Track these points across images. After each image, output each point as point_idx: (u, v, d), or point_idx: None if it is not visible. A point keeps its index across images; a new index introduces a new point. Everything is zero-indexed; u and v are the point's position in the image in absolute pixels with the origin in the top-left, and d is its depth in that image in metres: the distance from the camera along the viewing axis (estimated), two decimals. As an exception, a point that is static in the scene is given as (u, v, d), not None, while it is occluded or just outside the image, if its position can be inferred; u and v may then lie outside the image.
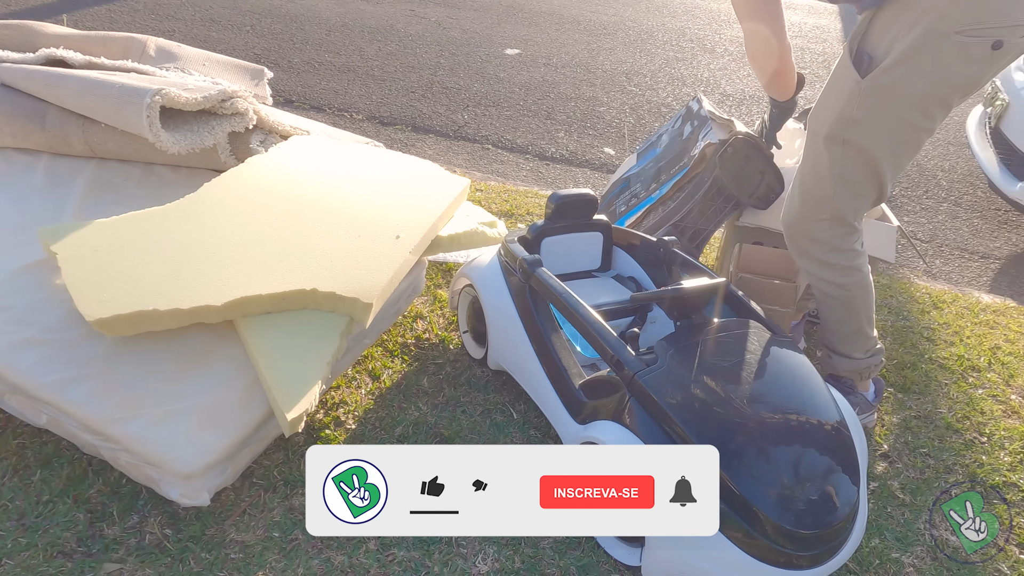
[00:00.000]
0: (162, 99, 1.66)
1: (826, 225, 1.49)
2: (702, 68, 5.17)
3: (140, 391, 1.26)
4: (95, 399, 1.24)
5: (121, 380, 1.27)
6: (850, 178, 1.44)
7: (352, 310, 1.42)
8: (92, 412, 1.22)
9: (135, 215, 1.53)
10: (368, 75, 4.44)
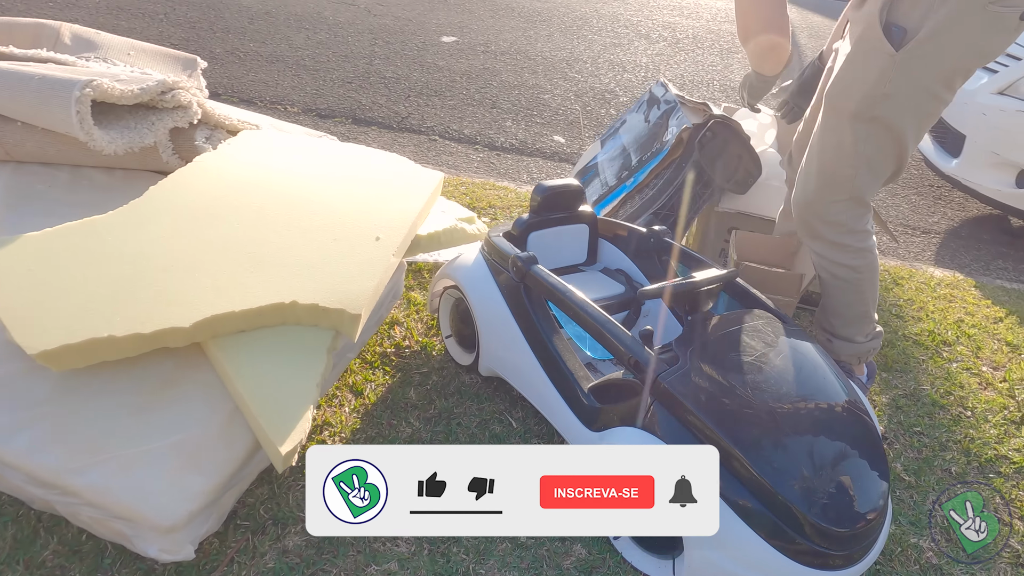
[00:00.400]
0: (93, 92, 1.45)
1: (843, 206, 1.46)
2: (640, 54, 5.16)
3: (99, 432, 1.08)
4: (44, 446, 1.05)
5: (74, 421, 1.09)
6: (874, 156, 1.40)
7: (338, 323, 1.28)
8: (42, 462, 1.04)
9: (72, 226, 1.33)
10: (299, 65, 4.19)
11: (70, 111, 1.43)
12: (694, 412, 1.13)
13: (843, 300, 1.53)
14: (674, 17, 6.32)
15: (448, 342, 1.71)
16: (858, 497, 1.12)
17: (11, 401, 1.10)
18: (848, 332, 1.56)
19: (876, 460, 1.17)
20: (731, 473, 1.10)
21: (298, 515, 1.23)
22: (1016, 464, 1.60)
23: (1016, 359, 2.04)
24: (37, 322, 1.11)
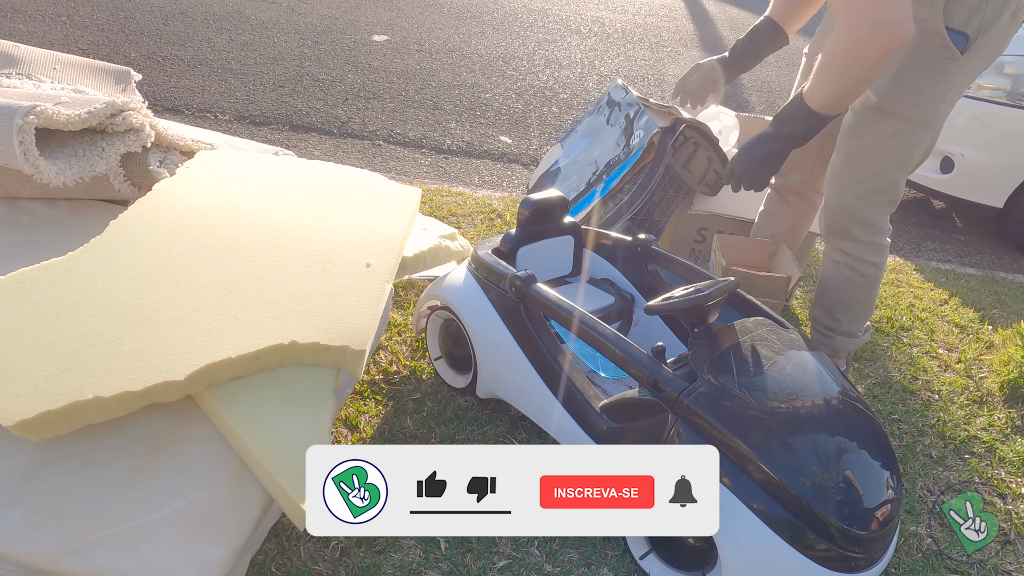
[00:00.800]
0: (37, 119, 1.31)
1: (882, 208, 1.49)
2: (573, 49, 5.18)
3: (93, 506, 0.97)
4: (33, 528, 0.94)
5: (63, 497, 0.97)
6: (919, 158, 1.44)
7: (340, 360, 1.20)
8: (34, 547, 0.92)
9: (27, 273, 1.19)
10: (225, 69, 3.97)
11: (11, 141, 1.28)
12: (719, 428, 1.13)
13: (859, 297, 1.58)
14: (601, 12, 6.38)
15: (438, 364, 1.65)
16: (878, 499, 1.15)
17: (-18, 481, 0.97)
18: (852, 327, 1.61)
19: (889, 461, 1.21)
20: (759, 485, 1.11)
21: (313, 569, 1.15)
22: (986, 443, 1.70)
23: (966, 339, 2.17)
24: (7, 388, 0.99)
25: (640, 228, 2.01)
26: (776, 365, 1.23)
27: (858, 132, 1.47)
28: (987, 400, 1.87)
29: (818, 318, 1.67)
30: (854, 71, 1.24)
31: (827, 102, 1.30)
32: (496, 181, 3.25)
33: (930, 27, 1.34)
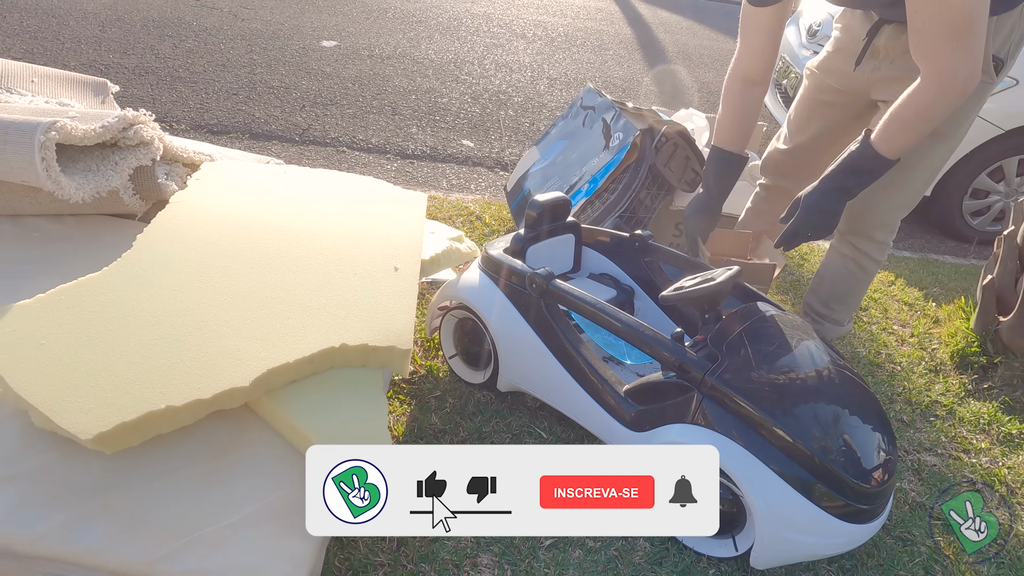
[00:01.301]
0: (58, 134, 1.30)
1: (904, 212, 1.62)
2: (521, 53, 5.29)
3: (174, 513, 0.99)
4: (121, 538, 0.95)
5: (143, 506, 0.99)
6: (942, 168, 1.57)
7: (387, 360, 1.25)
8: (125, 555, 0.94)
9: (66, 289, 1.19)
10: (173, 77, 3.87)
11: (33, 158, 1.27)
12: (742, 402, 1.25)
13: (855, 289, 1.72)
14: (542, 16, 6.52)
15: (453, 362, 1.71)
16: (880, 458, 1.30)
17: (65, 493, 0.98)
18: (842, 316, 1.76)
19: (885, 425, 1.36)
20: (780, 450, 1.23)
21: (375, 561, 1.20)
22: (946, 407, 1.90)
23: (915, 316, 2.39)
24: (77, 404, 1.00)
25: (627, 224, 2.13)
26: (783, 344, 1.36)
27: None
28: (941, 369, 2.08)
29: (811, 305, 1.81)
30: (937, 118, 1.32)
31: (905, 149, 1.38)
32: (464, 184, 3.31)
33: None
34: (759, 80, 1.64)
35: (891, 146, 1.38)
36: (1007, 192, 3.28)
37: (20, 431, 1.03)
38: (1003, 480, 1.65)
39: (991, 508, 1.50)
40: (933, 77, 1.30)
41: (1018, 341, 1.98)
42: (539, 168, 2.49)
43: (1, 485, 0.97)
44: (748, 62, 1.61)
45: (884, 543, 1.42)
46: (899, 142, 1.37)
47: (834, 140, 1.78)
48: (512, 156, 3.63)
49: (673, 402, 1.33)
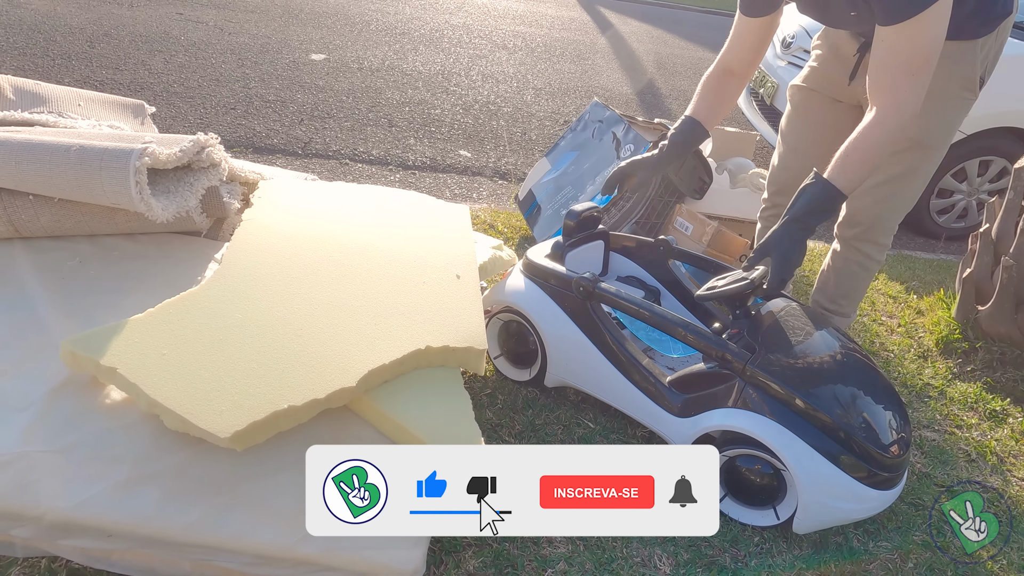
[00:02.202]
0: (150, 160, 1.39)
1: (902, 216, 1.79)
2: (505, 64, 5.44)
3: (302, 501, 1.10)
4: (261, 523, 1.06)
5: (275, 495, 1.10)
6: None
7: (464, 360, 1.38)
8: (267, 539, 1.05)
9: (173, 303, 1.28)
10: (169, 92, 3.91)
11: (128, 183, 1.36)
12: (780, 386, 1.41)
13: (860, 285, 1.89)
14: (520, 27, 6.69)
15: (498, 362, 1.84)
16: (899, 433, 1.48)
17: (205, 486, 1.08)
18: (849, 309, 1.94)
19: (899, 404, 1.54)
20: (816, 427, 1.40)
21: (463, 541, 1.33)
22: (937, 388, 2.10)
23: (899, 307, 2.61)
24: (212, 407, 1.10)
25: (641, 230, 2.29)
26: (808, 333, 1.54)
27: (897, 160, 1.69)
28: (928, 355, 2.29)
29: (819, 302, 1.97)
30: (888, 152, 1.44)
31: (860, 183, 1.47)
32: (466, 194, 3.44)
33: (966, 72, 1.58)
34: (740, 73, 1.75)
35: (849, 181, 1.44)
36: (969, 191, 3.56)
37: (152, 434, 1.13)
38: (993, 451, 1.85)
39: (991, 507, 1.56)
40: (890, 110, 1.39)
41: (996, 327, 2.20)
42: (551, 178, 2.64)
43: (146, 482, 1.07)
44: (733, 57, 1.72)
45: (900, 508, 1.60)
46: (857, 177, 1.44)
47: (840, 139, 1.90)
48: (509, 165, 3.77)
49: (716, 389, 1.49)
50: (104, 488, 1.04)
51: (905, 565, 1.46)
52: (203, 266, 1.56)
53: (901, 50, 1.39)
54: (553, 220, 2.47)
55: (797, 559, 1.42)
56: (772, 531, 1.47)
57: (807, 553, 1.44)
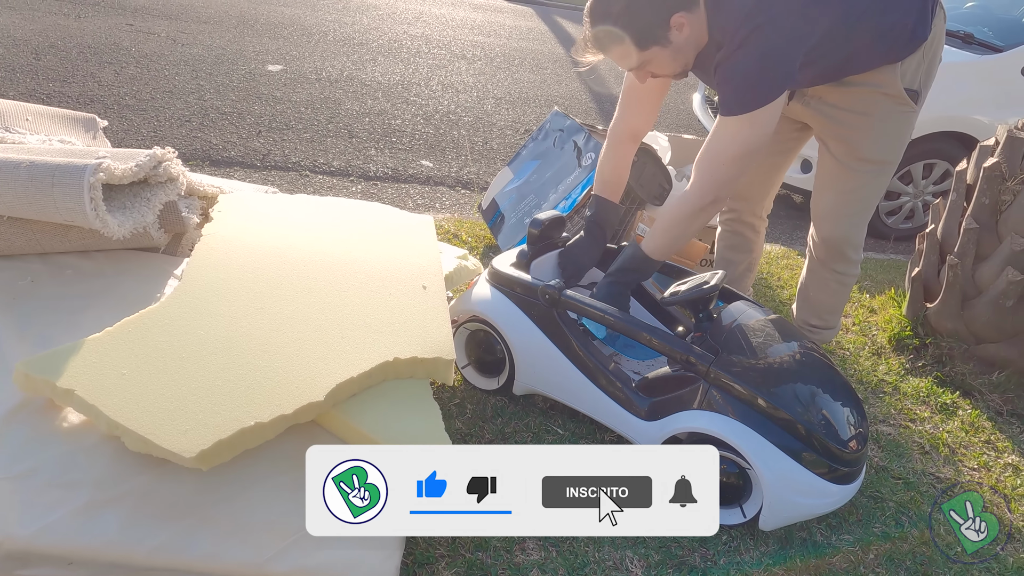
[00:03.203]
0: (105, 175, 1.36)
1: (864, 230, 1.84)
2: (464, 74, 5.46)
3: (273, 517, 1.09)
4: (230, 542, 1.04)
5: (243, 513, 1.08)
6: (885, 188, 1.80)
7: (433, 371, 1.38)
8: (239, 558, 1.03)
9: (132, 322, 1.25)
10: (121, 105, 3.82)
11: (82, 199, 1.33)
12: (743, 387, 1.45)
13: (840, 300, 1.94)
14: (478, 36, 6.72)
15: (466, 371, 1.84)
16: (858, 429, 1.52)
17: (170, 507, 1.06)
18: (832, 321, 1.99)
19: (857, 401, 1.59)
20: (777, 426, 1.43)
21: (435, 553, 1.32)
22: (891, 384, 2.18)
23: (853, 306, 2.69)
24: (176, 426, 1.08)
25: (605, 237, 2.32)
26: (768, 334, 1.58)
27: (846, 178, 1.77)
28: (882, 351, 2.37)
29: (806, 319, 2.02)
30: (691, 227, 1.61)
31: (667, 252, 1.66)
32: (429, 204, 3.44)
33: (891, 91, 1.63)
34: (644, 132, 1.88)
35: (656, 247, 1.64)
36: (915, 193, 3.70)
37: (113, 456, 1.10)
38: (945, 443, 1.93)
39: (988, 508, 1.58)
40: (694, 189, 1.56)
41: (944, 324, 2.29)
42: (514, 187, 2.66)
43: (108, 506, 1.04)
44: (639, 120, 1.82)
45: (860, 502, 1.65)
46: (662, 242, 1.63)
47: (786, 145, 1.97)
48: (471, 175, 3.78)
49: (682, 392, 1.52)
50: (64, 514, 1.01)
51: (866, 557, 1.51)
52: (162, 283, 1.53)
53: (719, 139, 1.54)
54: (517, 229, 2.49)
55: (764, 556, 1.46)
56: (739, 529, 1.50)
57: (773, 549, 1.48)
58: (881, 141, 1.72)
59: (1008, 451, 1.94)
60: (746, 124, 1.50)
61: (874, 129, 1.70)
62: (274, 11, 6.25)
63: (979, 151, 2.27)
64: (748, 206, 2.10)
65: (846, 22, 1.53)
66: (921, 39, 1.61)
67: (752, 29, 1.44)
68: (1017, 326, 2.12)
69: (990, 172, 2.14)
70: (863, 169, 1.76)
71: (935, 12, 1.62)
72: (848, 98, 1.70)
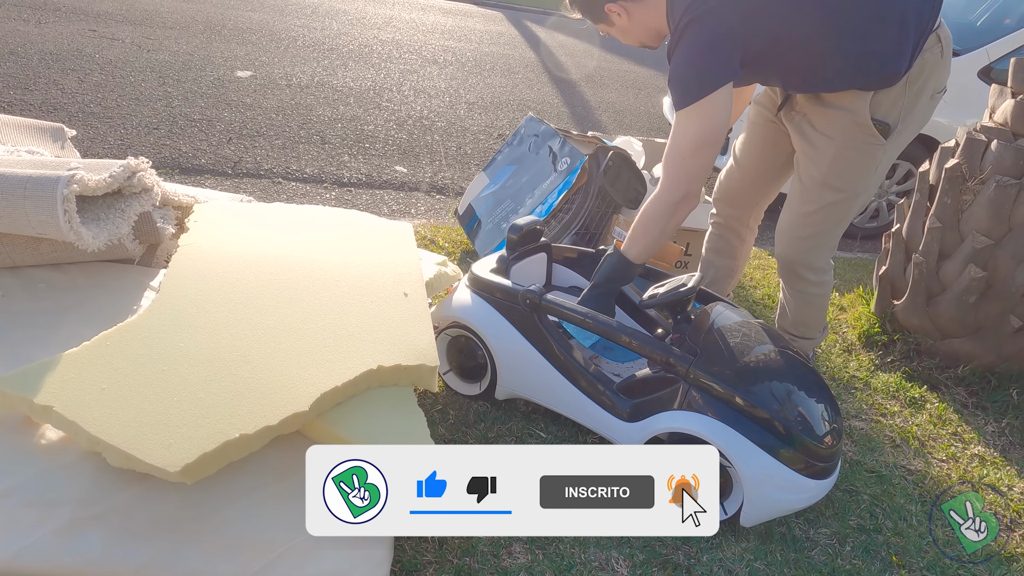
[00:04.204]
0: (78, 187, 1.34)
1: (824, 255, 1.85)
2: (436, 79, 5.46)
3: (259, 531, 1.08)
4: (218, 557, 1.03)
5: (231, 527, 1.07)
6: (852, 217, 1.80)
7: (417, 378, 1.38)
8: (226, 573, 1.02)
9: (110, 335, 1.23)
10: (86, 113, 3.74)
11: (56, 211, 1.31)
12: (722, 386, 1.48)
13: (815, 312, 1.96)
14: (449, 41, 6.73)
15: (447, 377, 1.85)
16: (833, 425, 1.56)
17: (154, 524, 1.04)
18: (812, 332, 2.01)
19: (831, 398, 1.63)
20: (756, 424, 1.47)
21: (423, 559, 1.32)
22: (862, 380, 2.24)
23: (823, 305, 2.76)
24: (158, 439, 1.07)
25: (581, 240, 2.35)
26: (744, 335, 1.61)
27: (805, 200, 1.77)
28: (852, 348, 2.43)
29: (784, 328, 2.06)
30: (666, 227, 1.61)
31: (645, 253, 1.66)
32: (404, 210, 3.43)
33: (859, 119, 1.61)
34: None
35: (637, 250, 1.65)
36: (880, 193, 3.80)
37: (94, 473, 1.09)
38: (915, 436, 1.99)
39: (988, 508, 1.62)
40: (664, 187, 1.58)
41: (910, 320, 2.36)
42: (490, 192, 2.67)
43: (91, 524, 1.02)
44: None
45: (835, 496, 1.69)
46: (641, 245, 1.64)
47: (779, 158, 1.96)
48: (445, 180, 3.79)
49: (662, 393, 1.54)
50: (45, 534, 0.99)
51: (843, 549, 1.55)
52: (138, 295, 1.51)
53: (676, 135, 1.56)
54: (494, 233, 2.50)
55: (746, 551, 1.49)
56: (721, 526, 1.52)
57: (754, 545, 1.51)
58: (841, 168, 1.70)
59: (974, 442, 2.00)
60: (694, 117, 1.51)
61: (835, 154, 1.68)
62: (242, 16, 6.18)
63: (940, 152, 2.34)
64: (736, 213, 2.10)
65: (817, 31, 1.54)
66: (895, 71, 1.58)
67: (689, 21, 1.46)
68: (980, 321, 2.20)
69: (951, 173, 2.21)
70: (820, 193, 1.75)
71: (920, 47, 1.58)
72: (822, 119, 1.70)
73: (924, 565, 1.53)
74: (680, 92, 1.52)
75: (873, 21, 1.53)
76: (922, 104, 1.67)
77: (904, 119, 1.66)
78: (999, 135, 2.16)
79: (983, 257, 2.13)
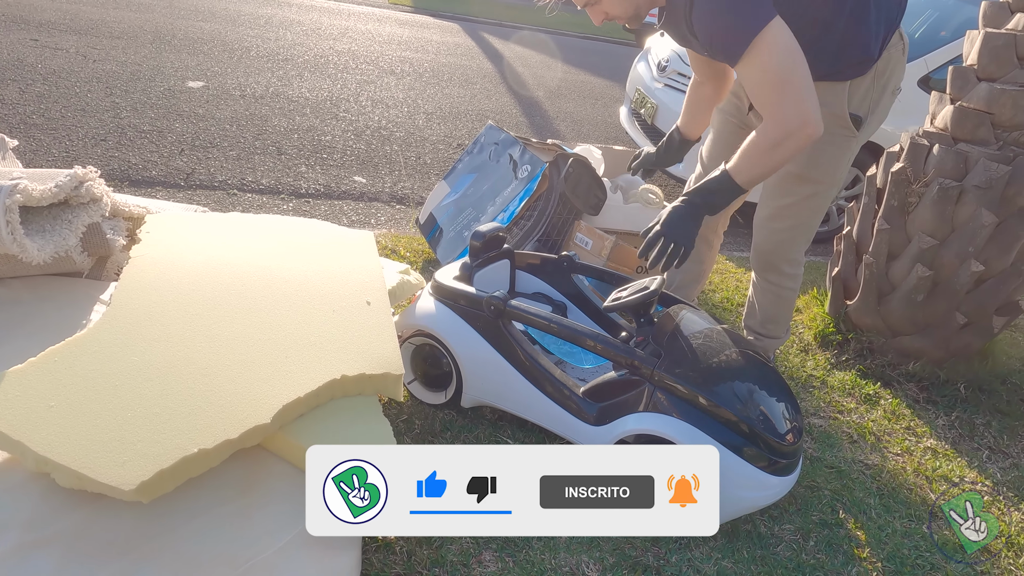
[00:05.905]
0: (22, 196, 1.28)
1: (801, 247, 1.89)
2: (393, 89, 5.43)
3: (222, 547, 1.04)
4: (181, 575, 0.99)
5: (190, 545, 1.03)
6: (827, 208, 1.84)
7: (382, 386, 1.36)
8: (187, 594, 0.98)
9: (58, 350, 1.18)
10: (28, 124, 3.61)
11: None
12: (685, 387, 1.49)
13: (783, 310, 2.00)
14: (405, 52, 6.71)
15: (412, 387, 1.82)
16: (794, 423, 1.59)
17: (104, 549, 0.99)
18: (778, 331, 2.05)
19: (792, 397, 1.66)
20: (721, 424, 1.48)
21: (391, 572, 1.30)
22: (819, 378, 2.29)
23: (780, 307, 2.82)
24: (112, 458, 1.02)
25: (543, 246, 2.36)
26: (706, 336, 1.63)
27: (784, 193, 1.82)
28: (809, 348, 2.49)
29: (751, 327, 2.08)
30: (779, 158, 1.49)
31: (751, 180, 1.55)
32: (364, 220, 3.39)
33: (836, 111, 1.67)
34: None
35: (741, 175, 1.56)
36: (830, 198, 3.92)
37: (41, 495, 1.03)
38: (871, 431, 2.04)
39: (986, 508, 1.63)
40: (771, 123, 1.50)
41: (863, 319, 2.43)
42: (451, 200, 2.66)
43: (40, 547, 0.97)
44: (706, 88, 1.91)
45: (798, 492, 1.72)
46: (747, 175, 1.55)
47: None
48: (405, 190, 3.76)
49: (628, 396, 1.55)
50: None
51: (807, 544, 1.58)
52: (87, 309, 1.45)
53: (757, 78, 1.52)
54: (456, 242, 2.49)
55: (713, 550, 1.50)
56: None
57: (721, 543, 1.52)
58: (818, 161, 1.75)
59: (927, 436, 2.07)
60: (763, 48, 1.41)
61: (812, 147, 1.69)
62: (192, 26, 6.06)
63: (886, 157, 2.43)
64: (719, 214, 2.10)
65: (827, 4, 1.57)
66: (869, 56, 1.63)
67: None
68: (928, 319, 2.28)
69: (897, 176, 2.30)
70: (799, 186, 1.81)
71: (888, 39, 1.64)
72: None
73: (884, 556, 1.57)
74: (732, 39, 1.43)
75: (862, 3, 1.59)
76: (885, 99, 1.74)
77: (872, 112, 1.73)
78: (940, 140, 2.25)
79: (929, 256, 2.21)
